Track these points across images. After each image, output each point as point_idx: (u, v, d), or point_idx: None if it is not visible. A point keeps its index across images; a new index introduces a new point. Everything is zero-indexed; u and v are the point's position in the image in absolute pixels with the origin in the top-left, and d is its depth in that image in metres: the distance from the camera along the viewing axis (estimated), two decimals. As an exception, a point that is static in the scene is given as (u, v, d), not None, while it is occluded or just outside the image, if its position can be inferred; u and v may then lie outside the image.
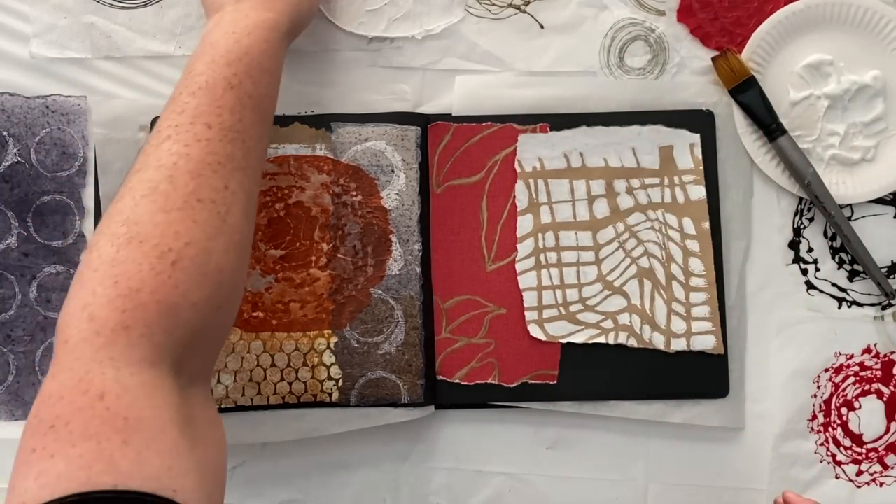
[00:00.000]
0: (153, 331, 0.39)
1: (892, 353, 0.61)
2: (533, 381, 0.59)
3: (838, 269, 0.61)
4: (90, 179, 0.61)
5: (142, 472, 0.34)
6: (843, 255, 0.61)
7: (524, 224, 0.60)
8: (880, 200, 0.61)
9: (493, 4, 0.62)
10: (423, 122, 0.60)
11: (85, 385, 0.36)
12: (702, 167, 0.60)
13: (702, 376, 0.59)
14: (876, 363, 0.61)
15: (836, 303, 0.61)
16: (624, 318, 0.59)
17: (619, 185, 0.60)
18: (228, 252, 0.43)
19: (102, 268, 0.40)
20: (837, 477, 0.61)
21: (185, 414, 0.39)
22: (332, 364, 0.58)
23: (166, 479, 0.35)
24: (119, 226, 0.41)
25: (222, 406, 0.57)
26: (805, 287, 0.61)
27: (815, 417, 0.61)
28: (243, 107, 0.46)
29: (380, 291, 0.58)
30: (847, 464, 0.61)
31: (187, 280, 0.40)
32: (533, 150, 0.60)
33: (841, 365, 0.61)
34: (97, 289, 0.39)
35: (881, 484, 0.61)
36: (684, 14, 0.62)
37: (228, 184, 0.44)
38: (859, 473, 0.61)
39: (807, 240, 0.61)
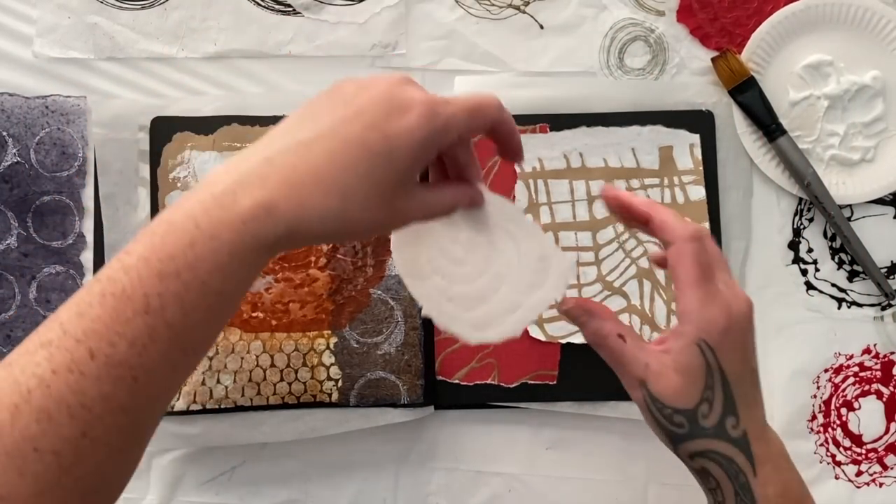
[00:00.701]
0: None
1: (892, 353, 0.61)
2: (532, 382, 0.59)
3: (838, 269, 0.61)
4: (90, 180, 0.61)
5: None
6: (843, 256, 0.61)
7: None
8: (880, 201, 0.61)
9: (493, 5, 0.62)
10: (423, 122, 0.60)
11: None
12: (701, 168, 0.60)
13: (701, 376, 0.59)
14: (876, 363, 0.61)
15: (835, 303, 0.61)
16: (624, 319, 0.59)
17: (619, 185, 0.60)
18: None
19: None
20: (837, 477, 0.61)
21: None
22: (332, 364, 0.58)
23: None
24: None
25: (222, 406, 0.57)
26: (805, 287, 0.61)
27: (814, 418, 0.61)
28: (153, 339, 0.34)
29: (379, 292, 0.58)
30: (847, 464, 0.61)
31: None
32: (532, 150, 0.60)
33: (841, 365, 0.61)
34: None
35: (881, 484, 0.61)
36: (684, 14, 0.62)
37: (89, 431, 0.34)
38: (859, 474, 0.61)
39: (806, 240, 0.61)
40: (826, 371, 0.61)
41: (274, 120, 0.59)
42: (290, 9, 0.62)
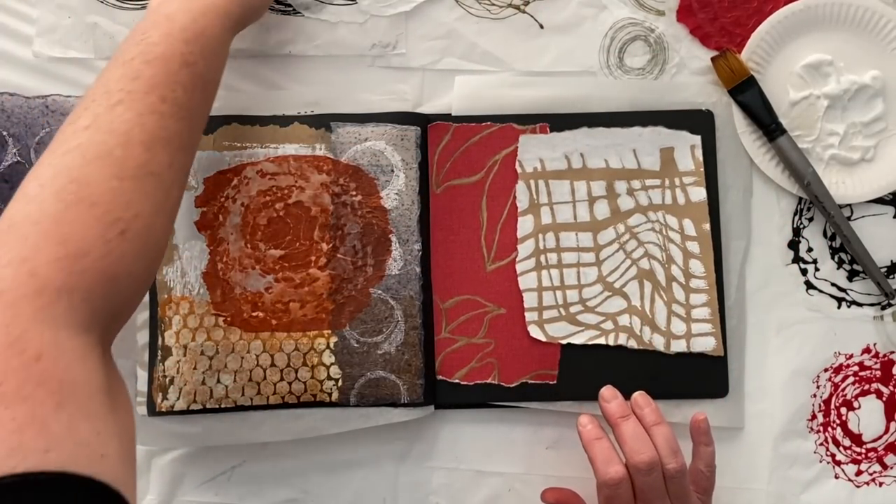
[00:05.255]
0: (93, 297, 0.39)
1: (892, 352, 0.61)
2: (533, 381, 0.59)
3: (838, 268, 0.61)
4: (90, 179, 0.61)
5: (73, 436, 0.34)
6: (843, 255, 0.61)
7: (525, 225, 0.60)
8: (880, 200, 0.61)
9: (493, 4, 0.62)
10: (423, 122, 0.60)
11: (22, 344, 0.35)
12: (702, 169, 0.60)
13: (701, 377, 0.59)
14: (875, 363, 0.61)
15: (835, 303, 0.61)
16: (624, 320, 0.59)
17: (620, 186, 0.60)
18: (166, 228, 0.45)
19: (46, 223, 0.39)
20: (837, 477, 0.61)
21: (107, 380, 0.39)
22: (332, 364, 0.58)
23: (95, 443, 0.35)
24: (67, 182, 0.40)
25: (222, 406, 0.57)
26: (804, 287, 0.61)
27: (814, 417, 0.61)
28: (195, 87, 0.47)
29: (379, 291, 0.59)
30: (846, 464, 0.61)
31: (132, 251, 0.41)
32: (534, 150, 0.60)
33: (840, 365, 0.61)
34: (40, 244, 0.38)
35: (880, 484, 0.61)
36: (684, 14, 0.62)
37: (173, 161, 0.45)
38: (859, 473, 0.61)
39: (806, 240, 0.61)
40: (826, 370, 0.61)
41: (274, 120, 0.59)
42: (290, 9, 0.62)
